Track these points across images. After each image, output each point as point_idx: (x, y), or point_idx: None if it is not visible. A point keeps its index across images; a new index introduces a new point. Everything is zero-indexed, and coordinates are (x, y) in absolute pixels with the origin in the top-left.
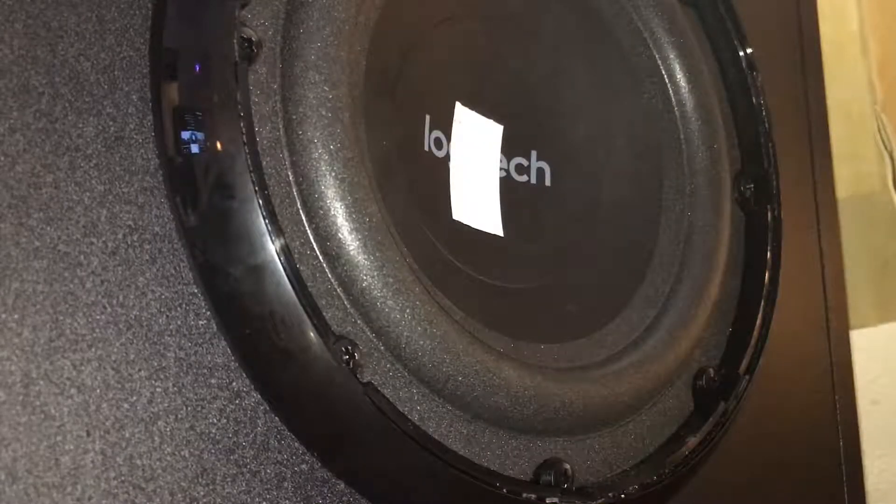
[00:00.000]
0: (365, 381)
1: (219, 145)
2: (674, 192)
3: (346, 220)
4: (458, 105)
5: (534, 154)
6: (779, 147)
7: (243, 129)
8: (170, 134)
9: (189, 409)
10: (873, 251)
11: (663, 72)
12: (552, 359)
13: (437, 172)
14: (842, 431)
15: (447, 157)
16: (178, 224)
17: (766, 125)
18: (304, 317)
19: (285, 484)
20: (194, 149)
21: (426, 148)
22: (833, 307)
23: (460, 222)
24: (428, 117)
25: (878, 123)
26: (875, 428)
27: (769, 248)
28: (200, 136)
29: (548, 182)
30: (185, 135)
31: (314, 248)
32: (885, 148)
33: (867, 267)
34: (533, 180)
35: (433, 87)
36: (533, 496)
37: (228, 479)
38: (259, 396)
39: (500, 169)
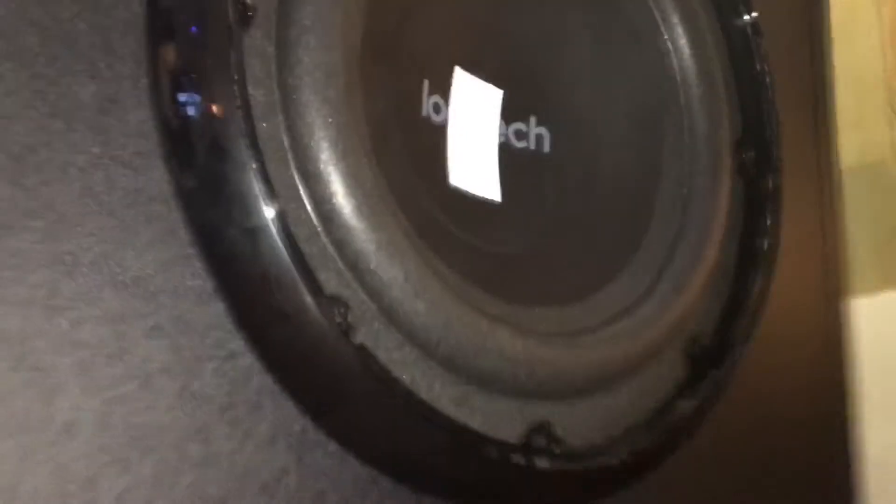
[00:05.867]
0: (357, 342)
1: (214, 109)
2: (673, 157)
3: (341, 185)
4: (457, 69)
5: (533, 119)
6: (782, 114)
7: (237, 94)
8: (166, 96)
9: (184, 367)
10: (880, 220)
11: (666, 37)
12: (546, 323)
13: (435, 137)
14: (840, 399)
15: (445, 123)
16: (174, 186)
17: (770, 92)
18: (298, 279)
19: (278, 443)
20: (190, 111)
21: (424, 113)
22: (832, 274)
23: (457, 188)
24: (427, 82)
25: (888, 92)
26: (879, 395)
27: (768, 216)
28: (196, 98)
29: (546, 148)
30: (182, 97)
31: (308, 212)
32: None
33: (874, 236)
34: (532, 146)
35: (432, 50)
36: (523, 459)
37: (222, 438)
38: (253, 357)
39: (499, 134)
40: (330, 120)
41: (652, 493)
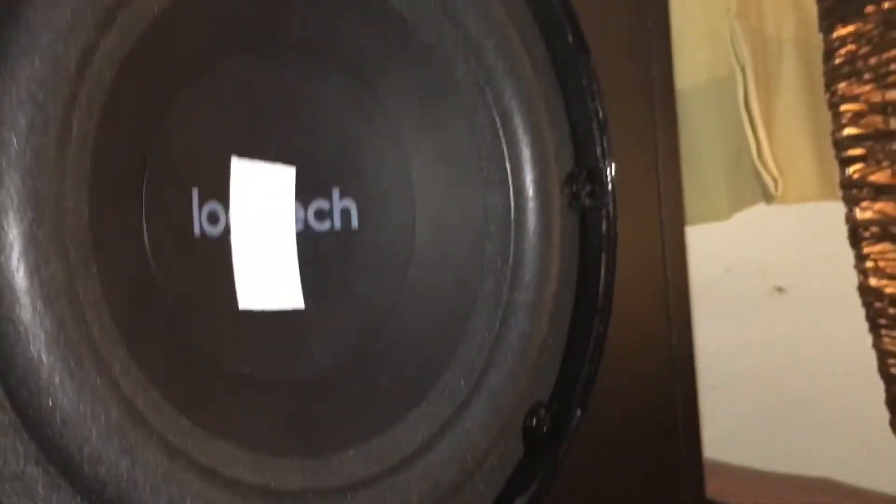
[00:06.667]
0: None
1: None
2: (500, 213)
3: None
4: (234, 160)
5: (336, 192)
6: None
7: None
8: None
9: None
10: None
11: (482, 81)
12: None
13: (217, 255)
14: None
15: (227, 231)
16: None
17: (601, 121)
18: None
19: None
20: None
21: (196, 233)
22: (668, 220)
23: (249, 311)
24: (195, 191)
25: (730, 33)
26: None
27: (603, 255)
28: None
29: (355, 224)
30: None
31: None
32: (738, 62)
33: (724, 156)
34: (337, 225)
35: (198, 148)
36: None
37: None
38: None
39: (298, 221)
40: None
41: None
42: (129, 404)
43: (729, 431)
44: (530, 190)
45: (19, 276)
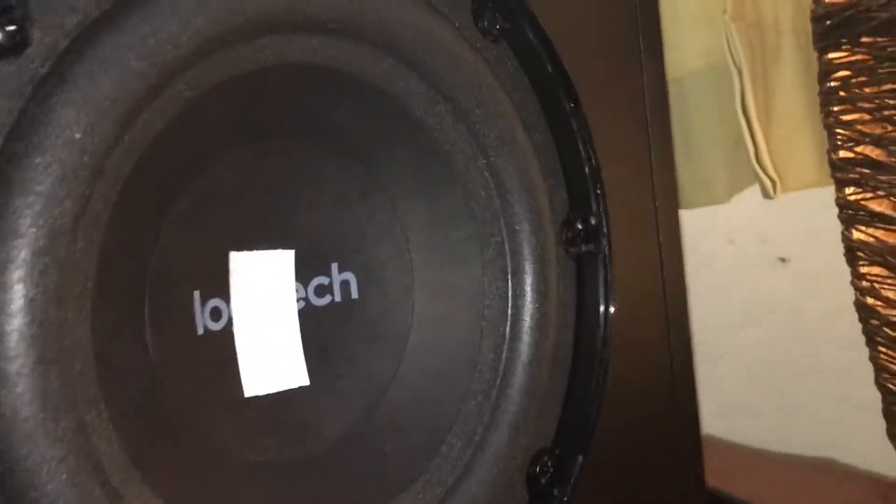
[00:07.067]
0: None
1: None
2: (496, 272)
3: None
4: (232, 255)
5: (335, 267)
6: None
7: None
8: None
9: None
10: (727, 124)
11: (474, 147)
12: None
13: (219, 350)
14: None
15: (230, 324)
16: None
17: (594, 167)
18: None
19: None
20: None
21: (200, 331)
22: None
23: (255, 397)
24: (197, 294)
25: (726, 34)
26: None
27: (601, 307)
28: None
29: (354, 294)
30: None
31: None
32: (734, 64)
33: (722, 141)
34: (338, 298)
35: (195, 251)
36: None
37: None
38: None
39: (298, 300)
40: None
41: None
42: None
43: (730, 402)
44: (525, 248)
45: (23, 405)
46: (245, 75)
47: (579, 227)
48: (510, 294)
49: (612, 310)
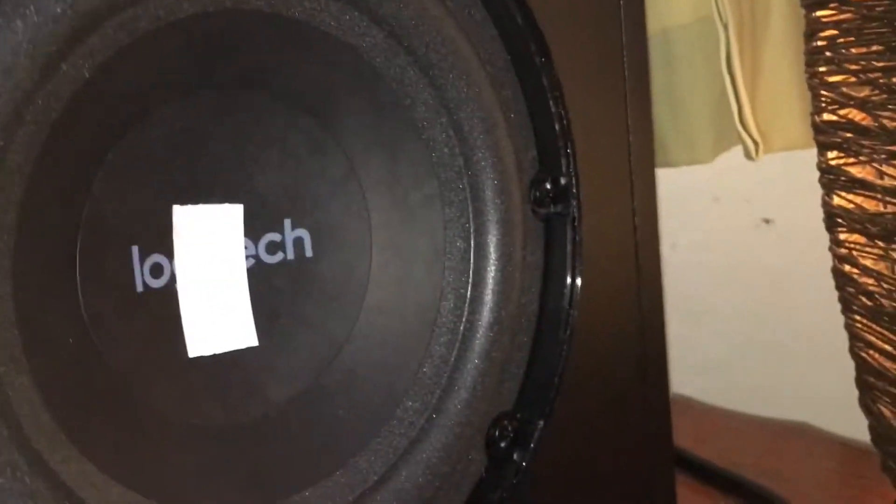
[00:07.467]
0: None
1: None
2: (458, 232)
3: None
4: (175, 209)
5: (287, 223)
6: None
7: None
8: None
9: None
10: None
11: (436, 100)
12: None
13: (160, 308)
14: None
15: (172, 281)
16: None
17: (565, 125)
18: None
19: None
20: None
21: (139, 288)
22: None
23: (200, 357)
24: (136, 249)
25: None
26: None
27: (568, 271)
28: None
29: (309, 252)
30: None
31: None
32: (721, 19)
33: (708, 98)
34: (290, 255)
35: (133, 207)
36: None
37: None
38: None
39: (248, 257)
40: None
41: None
42: (72, 495)
43: (707, 362)
44: (489, 208)
45: None
46: (182, 20)
47: (548, 187)
48: (472, 255)
49: (579, 273)
